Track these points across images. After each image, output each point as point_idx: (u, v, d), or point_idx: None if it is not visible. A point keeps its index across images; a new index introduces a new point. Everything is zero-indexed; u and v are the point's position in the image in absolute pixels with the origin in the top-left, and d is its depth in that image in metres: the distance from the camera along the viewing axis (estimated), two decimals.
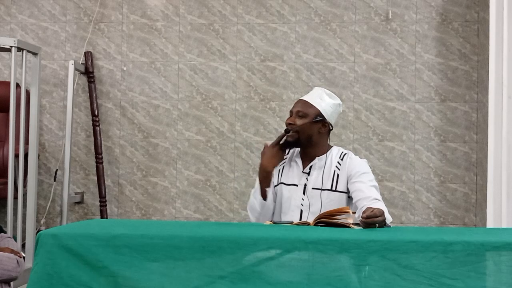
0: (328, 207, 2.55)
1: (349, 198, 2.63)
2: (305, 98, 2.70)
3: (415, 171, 4.63)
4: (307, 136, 2.65)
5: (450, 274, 1.82)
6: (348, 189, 2.62)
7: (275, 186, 2.72)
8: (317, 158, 2.68)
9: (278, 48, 4.73)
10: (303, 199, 2.63)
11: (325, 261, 1.86)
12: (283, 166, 2.73)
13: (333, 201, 2.60)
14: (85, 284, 1.88)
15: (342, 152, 2.70)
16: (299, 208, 2.62)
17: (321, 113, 2.65)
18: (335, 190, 2.62)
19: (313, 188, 2.63)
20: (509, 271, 1.84)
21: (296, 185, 2.66)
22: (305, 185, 2.65)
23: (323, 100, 2.67)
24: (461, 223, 4.59)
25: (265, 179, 2.69)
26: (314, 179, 2.64)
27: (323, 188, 2.62)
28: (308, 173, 2.67)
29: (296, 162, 2.72)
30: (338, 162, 2.66)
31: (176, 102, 4.79)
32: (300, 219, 2.60)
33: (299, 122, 2.64)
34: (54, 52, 4.88)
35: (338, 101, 2.73)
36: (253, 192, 2.74)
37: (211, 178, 4.76)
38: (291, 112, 2.69)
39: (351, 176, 2.61)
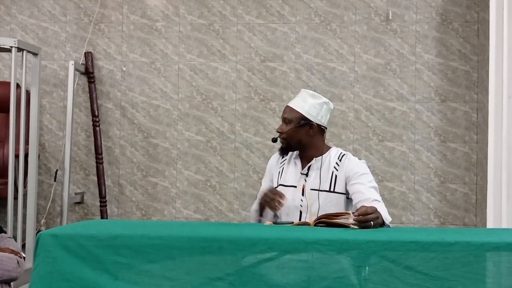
0: (326, 208, 2.55)
1: (348, 199, 2.63)
2: (289, 103, 2.72)
3: (415, 171, 4.63)
4: (296, 140, 2.66)
5: (450, 275, 1.82)
6: (347, 190, 2.62)
7: (275, 187, 2.72)
8: (314, 159, 2.68)
9: (278, 48, 4.73)
10: (302, 200, 2.63)
11: (325, 261, 1.86)
12: (283, 168, 2.74)
13: (332, 202, 2.60)
14: (85, 284, 1.88)
15: (341, 153, 2.69)
16: (298, 209, 2.63)
17: (304, 116, 2.65)
18: (333, 191, 2.61)
19: (311, 189, 2.63)
20: (509, 272, 1.84)
21: (295, 187, 2.67)
22: (304, 186, 2.65)
23: (306, 102, 2.66)
24: (461, 224, 4.59)
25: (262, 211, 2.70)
26: (313, 180, 2.65)
27: (321, 189, 2.62)
28: (307, 174, 2.67)
29: (295, 163, 2.72)
30: (336, 163, 2.65)
31: (176, 102, 4.79)
32: (300, 220, 2.60)
33: (285, 128, 2.66)
34: (54, 52, 4.88)
35: (322, 99, 2.70)
36: (252, 209, 2.74)
37: (211, 178, 4.76)
38: (281, 119, 2.72)
39: (350, 177, 2.60)
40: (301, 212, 2.61)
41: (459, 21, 4.63)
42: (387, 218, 2.37)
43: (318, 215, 2.38)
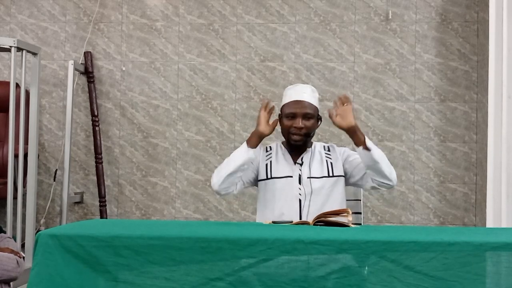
0: (325, 193, 2.66)
1: (347, 180, 2.76)
2: (304, 98, 2.73)
3: (415, 171, 4.63)
4: (312, 135, 2.75)
5: (449, 275, 1.82)
6: (344, 171, 2.74)
7: (263, 180, 2.75)
8: (307, 149, 2.76)
9: (278, 48, 4.73)
10: (300, 189, 2.68)
11: (324, 262, 1.86)
12: (270, 161, 2.77)
13: (331, 187, 2.69)
14: (84, 285, 1.88)
15: (325, 145, 2.83)
16: (297, 198, 2.68)
17: (317, 109, 2.76)
18: (332, 176, 2.71)
19: (308, 177, 2.69)
20: (509, 272, 1.84)
21: (291, 177, 2.71)
22: (300, 175, 2.70)
23: (314, 96, 2.76)
24: (461, 223, 4.59)
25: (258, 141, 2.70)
26: (308, 169, 2.71)
27: (318, 176, 2.70)
28: (301, 164, 2.73)
29: (283, 156, 2.78)
30: (326, 153, 2.77)
31: (176, 102, 4.79)
32: (300, 208, 2.65)
33: (308, 124, 2.70)
34: (53, 52, 4.88)
35: (316, 92, 2.83)
36: (230, 155, 2.71)
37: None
38: (294, 114, 2.70)
39: (348, 156, 2.75)
40: (300, 201, 2.65)
41: (458, 21, 4.62)
42: (393, 175, 2.69)
43: (317, 214, 2.39)
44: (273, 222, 2.47)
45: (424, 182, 4.62)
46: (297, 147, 2.73)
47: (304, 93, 2.73)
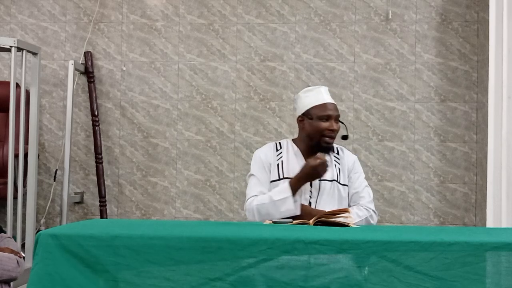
0: (334, 197, 2.67)
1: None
2: (330, 100, 2.75)
3: (415, 171, 4.63)
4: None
5: (449, 275, 1.82)
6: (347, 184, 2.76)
7: (275, 180, 2.73)
8: (318, 152, 2.74)
9: (278, 48, 4.73)
10: (310, 191, 2.68)
11: (324, 262, 1.86)
12: (282, 161, 2.75)
13: (339, 192, 2.70)
14: (84, 285, 1.87)
15: (335, 146, 2.82)
16: (307, 200, 2.68)
17: None
18: (339, 182, 2.71)
19: (319, 180, 2.68)
20: (509, 272, 1.84)
21: None
22: None
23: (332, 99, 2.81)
24: (461, 223, 4.59)
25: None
26: None
27: (329, 179, 2.69)
28: None
29: (295, 155, 2.76)
30: (335, 157, 2.76)
31: (176, 102, 4.79)
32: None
33: (337, 126, 2.72)
34: (54, 52, 4.88)
35: None
36: (275, 200, 2.61)
37: (211, 178, 4.76)
38: (329, 116, 2.69)
39: (354, 173, 2.76)
40: (310, 204, 2.65)
41: (458, 21, 4.63)
42: (374, 219, 2.64)
43: (320, 211, 2.40)
44: (273, 222, 2.47)
45: (424, 182, 4.62)
46: (312, 147, 2.72)
47: (328, 95, 2.77)
